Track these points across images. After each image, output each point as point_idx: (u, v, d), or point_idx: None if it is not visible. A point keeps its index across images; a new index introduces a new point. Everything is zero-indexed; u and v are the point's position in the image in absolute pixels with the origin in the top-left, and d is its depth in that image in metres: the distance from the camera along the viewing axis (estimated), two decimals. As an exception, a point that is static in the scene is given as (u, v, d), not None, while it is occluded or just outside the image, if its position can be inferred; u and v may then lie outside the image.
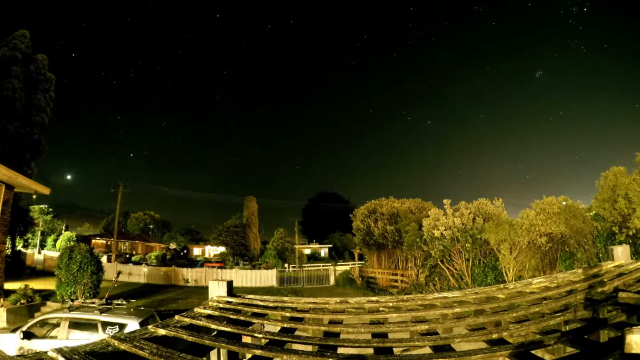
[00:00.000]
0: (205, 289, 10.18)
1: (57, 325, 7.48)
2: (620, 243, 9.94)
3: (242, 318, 3.58)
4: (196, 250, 59.36)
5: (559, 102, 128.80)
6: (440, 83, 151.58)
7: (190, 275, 24.38)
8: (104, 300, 8.40)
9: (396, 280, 19.18)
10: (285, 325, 3.46)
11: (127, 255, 41.54)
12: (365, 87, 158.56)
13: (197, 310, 3.79)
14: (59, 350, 2.25)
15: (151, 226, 62.44)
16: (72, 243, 24.95)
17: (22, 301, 12.52)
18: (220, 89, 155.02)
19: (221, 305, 4.03)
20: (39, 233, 38.75)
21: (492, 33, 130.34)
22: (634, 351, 1.87)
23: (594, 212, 12.43)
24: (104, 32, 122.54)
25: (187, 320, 3.34)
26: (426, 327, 3.26)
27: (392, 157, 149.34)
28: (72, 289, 12.96)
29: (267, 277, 25.29)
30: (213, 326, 3.27)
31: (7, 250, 18.21)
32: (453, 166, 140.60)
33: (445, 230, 14.87)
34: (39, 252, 34.31)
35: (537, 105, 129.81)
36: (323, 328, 3.51)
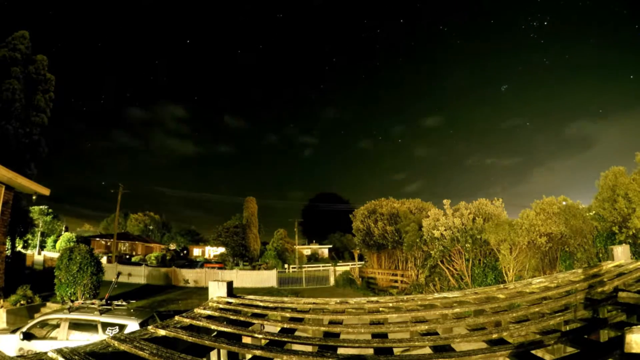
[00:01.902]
0: (205, 290, 10.18)
1: (57, 326, 7.47)
2: (620, 243, 9.95)
3: (242, 319, 3.58)
4: (196, 251, 59.39)
5: (526, 111, 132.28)
6: (411, 99, 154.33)
7: (190, 276, 24.37)
8: (103, 301, 8.39)
9: (396, 281, 19.17)
10: (285, 326, 3.45)
11: (127, 256, 41.53)
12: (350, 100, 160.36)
13: (197, 310, 3.78)
14: (59, 351, 2.25)
15: (151, 227, 62.45)
16: (71, 244, 24.95)
17: (21, 302, 12.50)
18: (208, 105, 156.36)
19: (221, 306, 4.03)
20: (39, 234, 38.77)
21: (458, 51, 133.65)
22: (634, 351, 1.87)
23: (594, 212, 12.43)
24: (76, 57, 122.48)
25: (187, 321, 3.34)
26: (426, 327, 3.25)
27: (391, 156, 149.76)
28: (72, 290, 12.96)
29: (267, 277, 25.29)
30: (213, 327, 3.27)
31: (7, 251, 18.19)
32: (452, 168, 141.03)
33: (445, 230, 14.87)
34: (39, 253, 34.31)
35: (503, 115, 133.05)
36: (323, 328, 3.51)
